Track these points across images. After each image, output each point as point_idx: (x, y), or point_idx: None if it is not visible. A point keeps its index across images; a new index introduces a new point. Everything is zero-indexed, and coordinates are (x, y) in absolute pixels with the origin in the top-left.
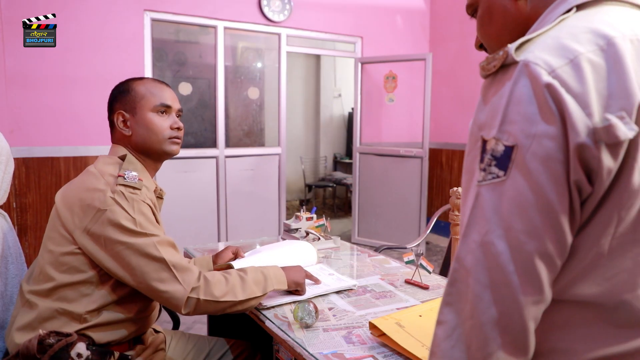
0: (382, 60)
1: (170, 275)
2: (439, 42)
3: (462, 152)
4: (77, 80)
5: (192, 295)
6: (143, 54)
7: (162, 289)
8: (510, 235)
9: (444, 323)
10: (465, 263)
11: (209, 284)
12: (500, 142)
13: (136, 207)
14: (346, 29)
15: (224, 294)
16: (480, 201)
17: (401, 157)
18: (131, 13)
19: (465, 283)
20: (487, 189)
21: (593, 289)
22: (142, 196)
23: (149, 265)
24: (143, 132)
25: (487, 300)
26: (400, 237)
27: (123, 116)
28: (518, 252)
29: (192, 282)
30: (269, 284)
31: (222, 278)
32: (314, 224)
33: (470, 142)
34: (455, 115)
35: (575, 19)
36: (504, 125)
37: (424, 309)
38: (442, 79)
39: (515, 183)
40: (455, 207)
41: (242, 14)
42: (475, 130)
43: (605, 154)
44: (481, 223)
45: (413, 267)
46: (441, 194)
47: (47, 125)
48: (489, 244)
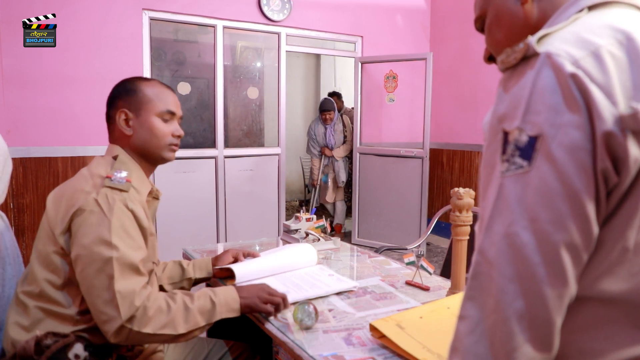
0: (382, 60)
1: (110, 298)
2: (440, 41)
3: (463, 152)
4: (75, 79)
5: (126, 325)
6: (142, 54)
7: (101, 310)
8: (535, 226)
9: (466, 318)
10: (489, 255)
11: (146, 316)
12: (524, 132)
13: (115, 210)
14: (346, 29)
15: (162, 326)
16: (503, 192)
17: (401, 157)
18: (130, 12)
19: (489, 276)
20: (511, 180)
21: (619, 285)
22: (127, 199)
23: (97, 279)
24: (145, 135)
25: (511, 294)
26: (400, 238)
27: (126, 115)
28: (544, 243)
29: (131, 311)
30: (217, 314)
31: (164, 306)
32: (314, 225)
33: (490, 135)
34: (455, 115)
35: (590, 17)
36: (528, 115)
37: (424, 310)
38: (442, 79)
39: (541, 173)
40: (456, 208)
41: (242, 13)
42: (495, 122)
43: (632, 143)
44: (505, 214)
45: (413, 269)
46: (442, 194)
47: (45, 125)
48: (513, 235)
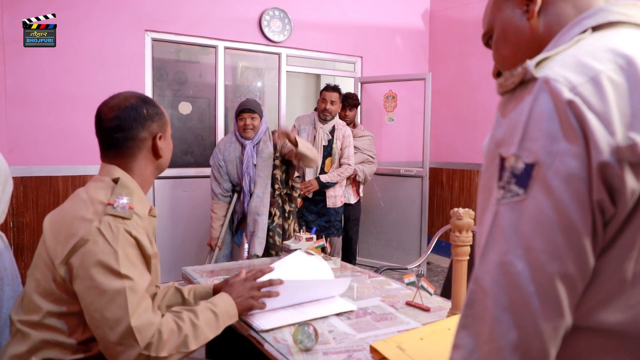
0: (382, 80)
1: (126, 328)
2: (438, 61)
3: (463, 171)
4: (77, 99)
5: (144, 352)
6: (143, 74)
7: (115, 341)
8: (530, 256)
9: (460, 347)
10: (483, 284)
11: (162, 340)
12: (521, 159)
13: (120, 240)
14: (346, 49)
15: (177, 347)
16: (499, 220)
17: (401, 177)
18: (132, 33)
19: (483, 305)
20: (507, 208)
21: (616, 316)
22: (131, 226)
23: (109, 310)
24: (168, 156)
25: (505, 323)
26: (400, 257)
27: (160, 137)
28: (538, 273)
29: (147, 338)
30: (220, 324)
31: (175, 327)
32: (314, 245)
33: (487, 159)
34: (455, 134)
35: (593, 39)
36: (524, 142)
37: (425, 331)
38: (441, 98)
39: (537, 201)
40: (456, 228)
41: (243, 34)
42: (492, 147)
43: (628, 174)
44: (500, 243)
45: (414, 289)
46: (442, 213)
47: (46, 144)
48: (508, 264)
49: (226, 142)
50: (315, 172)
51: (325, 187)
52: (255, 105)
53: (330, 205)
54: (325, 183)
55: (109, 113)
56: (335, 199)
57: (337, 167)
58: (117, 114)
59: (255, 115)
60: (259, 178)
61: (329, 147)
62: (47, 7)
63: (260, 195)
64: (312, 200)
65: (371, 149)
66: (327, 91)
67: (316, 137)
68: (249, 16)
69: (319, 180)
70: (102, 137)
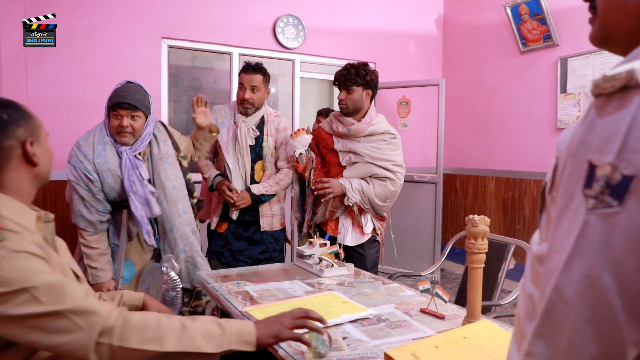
0: (395, 86)
1: (68, 323)
2: (452, 67)
3: (477, 177)
4: (95, 105)
5: (102, 341)
6: (160, 80)
7: (61, 342)
8: (619, 271)
9: (534, 355)
10: (566, 295)
11: (128, 327)
12: (618, 170)
13: (5, 265)
14: (359, 55)
15: (148, 340)
16: (588, 230)
17: (415, 183)
18: (149, 40)
19: (565, 316)
20: (598, 219)
21: None
22: (13, 244)
23: (36, 322)
24: (47, 162)
25: (588, 337)
26: (414, 264)
27: (31, 142)
28: (627, 290)
29: (100, 324)
30: (225, 341)
31: (153, 320)
32: (327, 251)
33: (571, 162)
34: (469, 140)
35: None
36: (624, 152)
37: (440, 339)
38: (455, 104)
39: (632, 216)
40: (471, 235)
41: (257, 40)
42: (580, 150)
43: None
44: (588, 254)
45: (428, 296)
46: (456, 220)
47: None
48: (595, 277)
49: (95, 144)
50: (244, 182)
51: (260, 201)
52: (137, 98)
53: (266, 228)
54: (258, 196)
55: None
56: (272, 220)
57: (273, 173)
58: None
59: (138, 113)
60: (175, 191)
61: (257, 146)
62: (68, 15)
63: (186, 210)
64: (240, 221)
65: (388, 155)
66: (246, 73)
67: (238, 135)
68: (263, 23)
69: (250, 191)
70: None
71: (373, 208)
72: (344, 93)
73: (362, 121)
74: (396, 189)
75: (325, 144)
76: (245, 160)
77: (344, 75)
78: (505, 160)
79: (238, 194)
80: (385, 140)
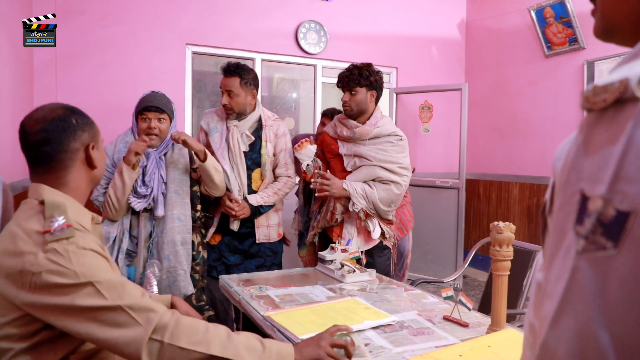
0: (417, 91)
1: (126, 318)
2: (475, 72)
3: (500, 182)
4: (122, 111)
5: (155, 337)
6: (184, 86)
7: (116, 335)
8: (618, 329)
9: None
10: (557, 354)
11: (180, 327)
12: (611, 204)
13: (74, 260)
14: (381, 60)
15: (196, 343)
16: (579, 278)
17: (437, 188)
18: (174, 47)
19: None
20: (589, 263)
21: None
22: (81, 241)
23: (96, 315)
24: (103, 165)
25: None
26: (436, 270)
27: (93, 146)
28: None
29: (156, 321)
30: (265, 357)
31: (202, 325)
32: (349, 256)
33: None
34: (492, 146)
35: None
36: (618, 182)
37: (464, 348)
38: (478, 109)
39: (630, 261)
40: (496, 242)
41: (279, 46)
42: (572, 178)
43: None
44: (579, 307)
45: (451, 303)
46: (478, 226)
47: None
48: (589, 335)
49: (118, 145)
50: (240, 191)
51: (259, 213)
52: (164, 103)
53: (263, 240)
54: (257, 207)
55: (34, 126)
56: (269, 230)
57: (272, 181)
58: (43, 126)
59: (164, 115)
60: (176, 196)
61: (254, 153)
62: (98, 23)
63: (182, 218)
64: (236, 234)
65: (394, 157)
66: (224, 77)
67: (230, 142)
68: (286, 29)
69: (248, 202)
70: (29, 153)
71: (378, 213)
72: (348, 95)
73: (367, 123)
74: (401, 192)
75: (330, 149)
76: (239, 168)
77: (346, 77)
78: (529, 166)
79: (239, 205)
80: (391, 142)
